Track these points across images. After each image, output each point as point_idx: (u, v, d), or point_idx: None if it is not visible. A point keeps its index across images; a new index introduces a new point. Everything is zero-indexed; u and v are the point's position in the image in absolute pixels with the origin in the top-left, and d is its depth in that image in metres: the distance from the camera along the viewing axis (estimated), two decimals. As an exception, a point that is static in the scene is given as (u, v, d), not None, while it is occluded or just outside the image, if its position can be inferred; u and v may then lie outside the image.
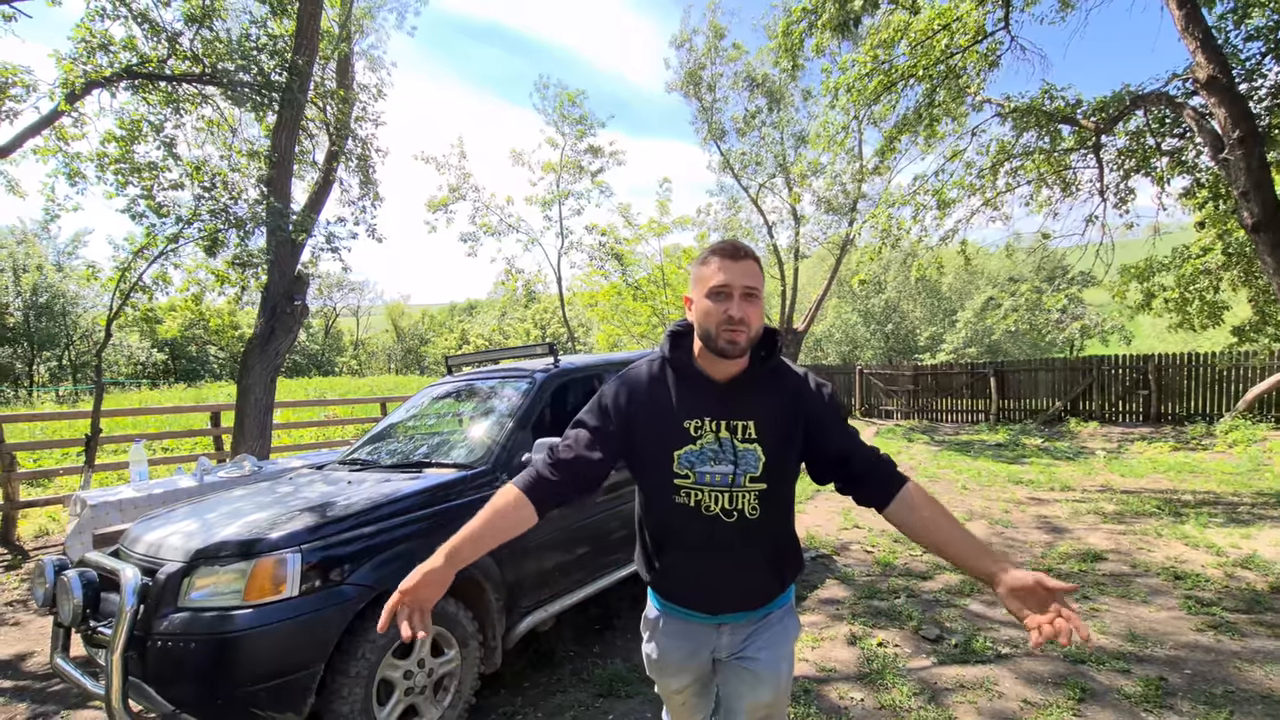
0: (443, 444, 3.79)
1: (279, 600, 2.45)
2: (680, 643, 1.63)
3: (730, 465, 1.46)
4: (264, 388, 6.62)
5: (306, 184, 8.39)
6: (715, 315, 1.42)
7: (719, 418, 1.48)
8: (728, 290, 1.42)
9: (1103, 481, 7.79)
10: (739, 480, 1.47)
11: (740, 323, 1.40)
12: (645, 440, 1.54)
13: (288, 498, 3.14)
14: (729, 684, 1.62)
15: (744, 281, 1.42)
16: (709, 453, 1.48)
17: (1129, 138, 7.01)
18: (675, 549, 1.57)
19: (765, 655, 1.56)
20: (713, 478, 1.47)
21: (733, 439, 1.47)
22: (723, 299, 1.42)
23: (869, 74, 7.77)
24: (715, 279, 1.43)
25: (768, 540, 1.54)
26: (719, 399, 1.50)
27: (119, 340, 26.71)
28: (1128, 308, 10.55)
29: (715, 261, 1.44)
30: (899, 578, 4.57)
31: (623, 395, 1.56)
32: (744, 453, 1.47)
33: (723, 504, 1.48)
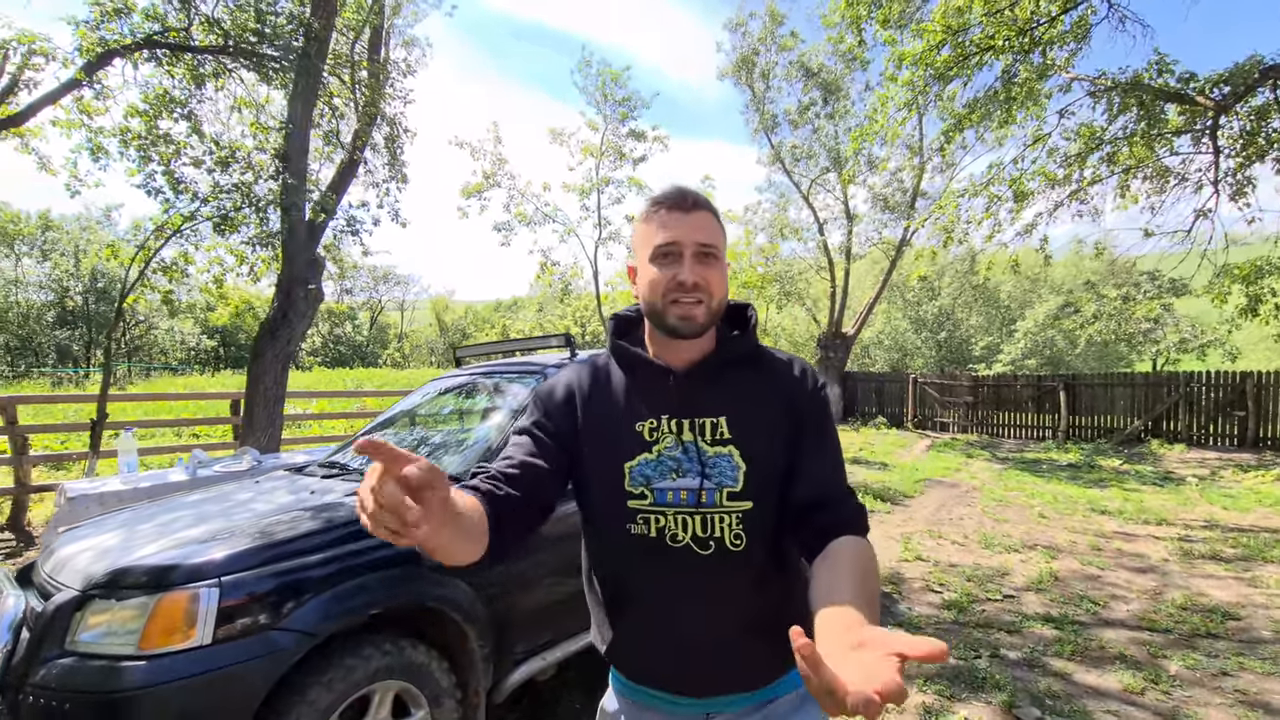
0: (433, 449, 3.22)
1: (185, 649, 1.90)
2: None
3: (697, 477, 1.09)
4: (275, 376, 6.22)
5: (336, 165, 8.02)
6: (662, 282, 1.08)
7: (678, 415, 1.12)
8: (676, 249, 1.08)
9: (1204, 515, 6.77)
10: (711, 497, 1.08)
11: (695, 289, 1.07)
12: (591, 454, 1.16)
13: (234, 509, 2.61)
14: None
15: (697, 237, 1.08)
16: (669, 462, 1.11)
17: (1253, 117, 5.99)
18: (636, 602, 1.15)
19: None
20: (676, 495, 1.09)
21: (697, 441, 1.10)
22: (671, 261, 1.08)
23: (940, 44, 6.93)
24: (659, 236, 1.09)
25: (762, 584, 1.11)
26: (678, 392, 1.13)
27: (171, 326, 27.50)
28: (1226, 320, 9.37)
29: (658, 215, 1.10)
30: (977, 629, 3.80)
31: (559, 392, 1.21)
32: (715, 459, 1.09)
33: (694, 530, 1.09)
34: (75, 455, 6.98)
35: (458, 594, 2.45)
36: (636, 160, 12.07)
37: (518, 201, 11.65)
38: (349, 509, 2.45)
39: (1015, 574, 4.80)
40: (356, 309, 42.97)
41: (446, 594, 2.41)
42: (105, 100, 7.03)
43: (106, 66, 6.61)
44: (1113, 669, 3.25)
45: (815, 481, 1.08)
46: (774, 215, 18.60)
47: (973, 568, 4.93)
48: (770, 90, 15.99)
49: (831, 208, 17.60)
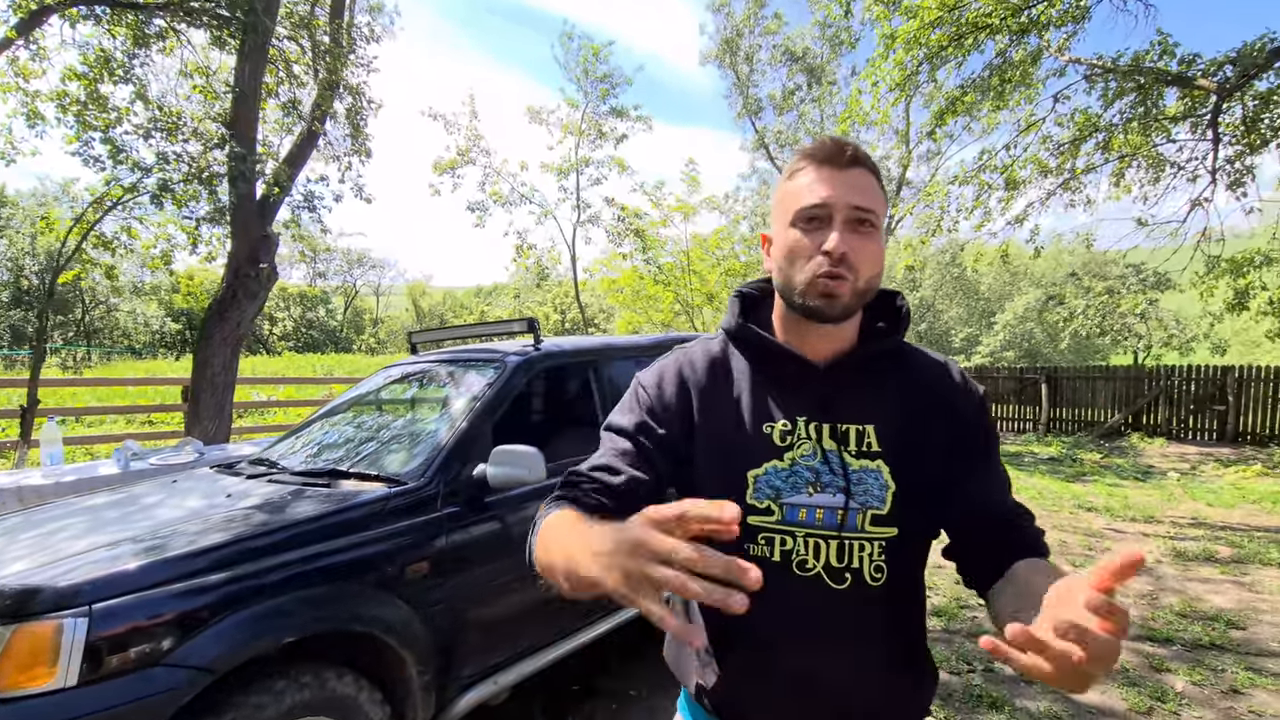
0: (376, 446, 2.87)
1: (43, 693, 1.56)
2: None
3: (840, 494, 0.90)
4: (224, 361, 5.79)
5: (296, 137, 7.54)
6: (804, 252, 0.88)
7: (819, 419, 0.93)
8: (826, 212, 0.87)
9: (1189, 512, 6.65)
10: (853, 519, 0.90)
11: (842, 262, 0.85)
12: (706, 459, 0.97)
13: (135, 516, 2.25)
14: None
15: (852, 199, 0.87)
16: (805, 473, 0.92)
17: (1257, 103, 5.78)
18: (748, 638, 0.94)
19: None
20: (811, 514, 0.91)
21: (841, 451, 0.92)
22: (818, 227, 0.88)
23: (933, 24, 6.64)
24: (806, 196, 0.88)
25: (898, 624, 0.95)
26: (818, 390, 0.94)
27: (135, 308, 26.51)
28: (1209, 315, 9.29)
29: (808, 171, 0.90)
30: (968, 639, 3.56)
31: (669, 384, 1.01)
32: (860, 474, 0.91)
33: (828, 558, 0.90)
34: (9, 444, 6.51)
35: (392, 614, 2.13)
36: (618, 139, 11.68)
37: (493, 180, 11.22)
38: (262, 519, 2.11)
39: (1005, 576, 4.58)
40: (330, 293, 41.99)
41: (379, 615, 2.10)
42: (42, 62, 6.51)
43: (42, 25, 6.09)
44: (1115, 686, 3.02)
45: (991, 503, 0.93)
46: (756, 203, 18.32)
47: (961, 569, 4.70)
48: (754, 74, 15.67)
49: (815, 196, 17.36)
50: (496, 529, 2.52)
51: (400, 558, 2.20)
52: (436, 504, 2.37)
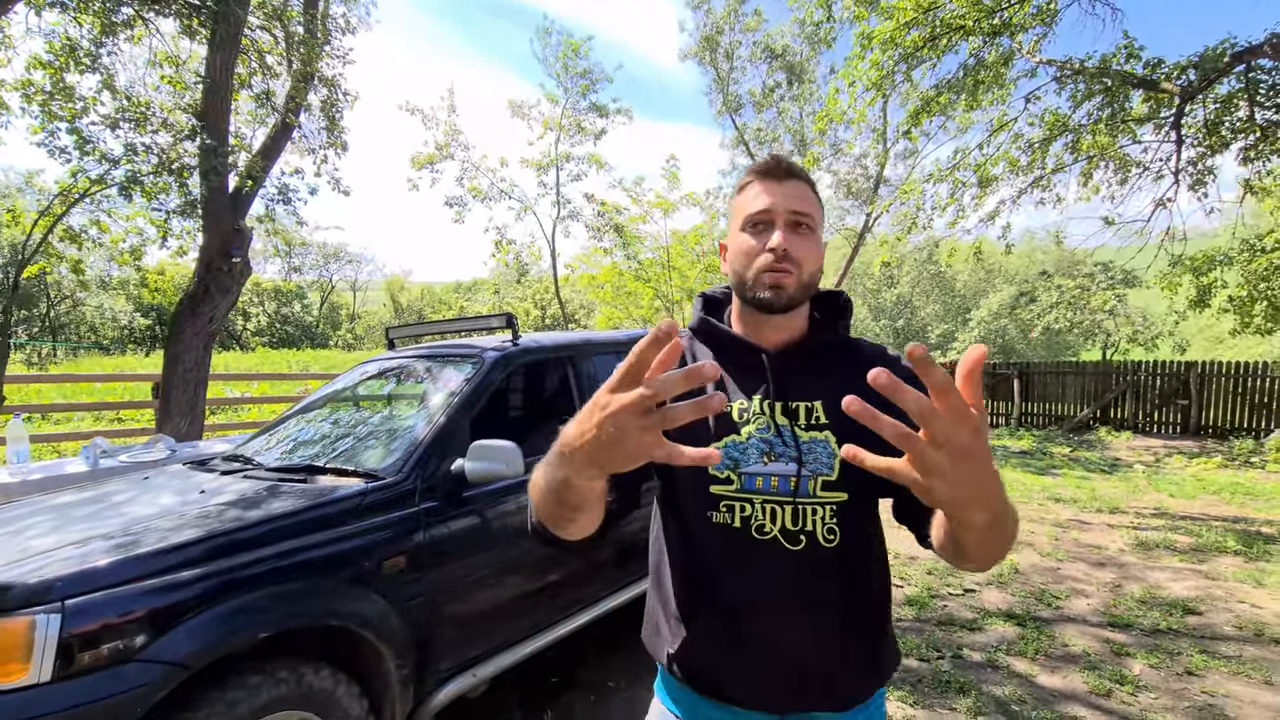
0: (353, 441, 2.87)
1: (15, 689, 1.55)
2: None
3: (792, 463, 0.99)
4: (196, 356, 5.70)
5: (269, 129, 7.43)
6: (753, 252, 1.03)
7: (772, 398, 1.03)
8: (769, 217, 1.03)
9: (1153, 503, 6.85)
10: (805, 486, 0.99)
11: (786, 258, 0.99)
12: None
13: (106, 512, 2.23)
14: None
15: (791, 205, 1.02)
16: (760, 445, 1.01)
17: (1218, 106, 5.96)
18: (714, 601, 1.02)
19: None
20: (767, 482, 1.00)
21: (792, 425, 1.01)
22: (763, 230, 1.03)
23: (909, 24, 6.73)
24: (752, 205, 1.04)
25: (855, 584, 1.01)
26: (771, 373, 1.05)
27: (102, 303, 25.83)
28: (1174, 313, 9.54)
29: (752, 183, 1.06)
30: (939, 627, 3.65)
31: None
32: (810, 444, 1.00)
33: (783, 522, 0.99)
34: (-28, 442, 6.34)
35: (368, 608, 2.13)
36: (598, 134, 11.65)
37: (472, 175, 11.12)
38: (237, 515, 2.11)
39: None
40: (306, 288, 41.30)
41: (355, 610, 2.10)
42: (6, 50, 6.33)
43: (7, 13, 5.92)
44: (1076, 670, 3.13)
45: None
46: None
47: (931, 562, 4.81)
48: (734, 71, 15.71)
49: (795, 193, 17.47)
50: (475, 523, 2.53)
51: (377, 552, 2.21)
52: (414, 499, 2.38)
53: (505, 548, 2.61)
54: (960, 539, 0.75)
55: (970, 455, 0.58)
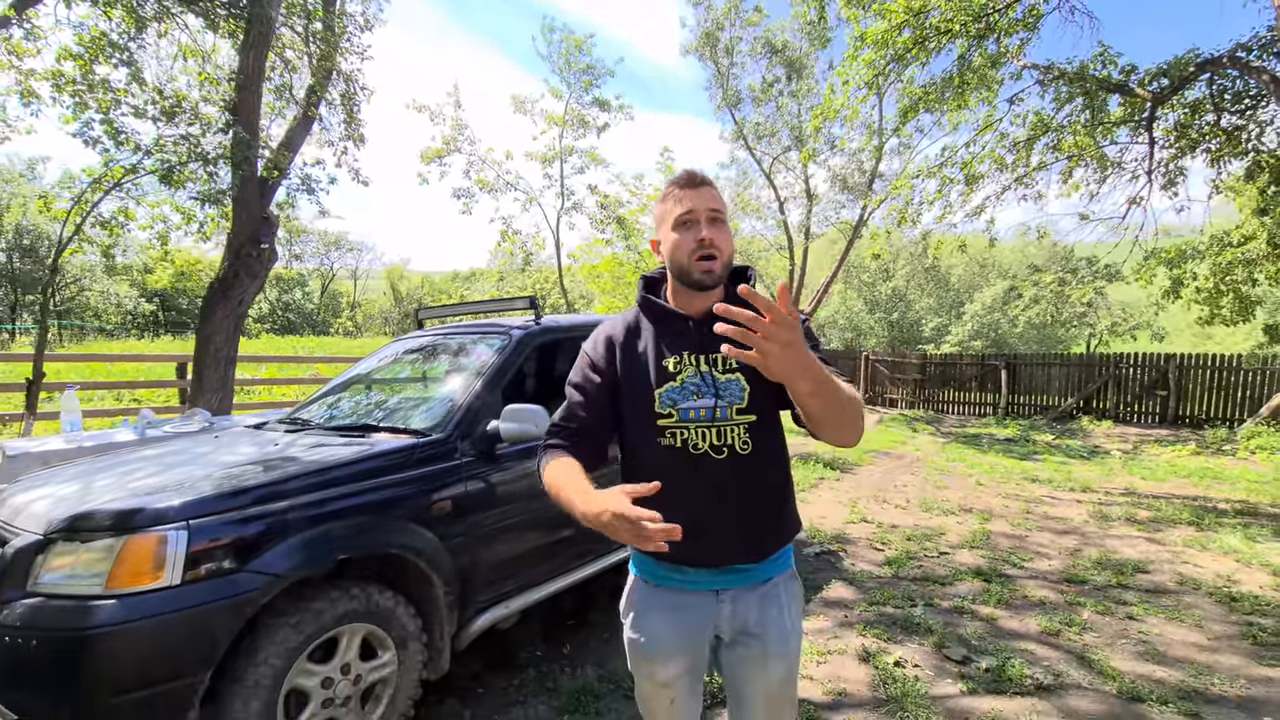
0: (399, 406, 3.25)
1: (153, 590, 1.92)
2: (674, 619, 1.46)
3: (711, 398, 1.39)
4: (225, 336, 6.06)
5: (287, 120, 7.73)
6: (685, 244, 1.39)
7: (698, 351, 1.42)
8: (693, 217, 1.39)
9: (1124, 484, 7.28)
10: (724, 413, 1.39)
11: (711, 245, 1.37)
12: (628, 387, 1.46)
13: (198, 460, 2.60)
14: (736, 668, 1.47)
15: (707, 205, 1.39)
16: (690, 387, 1.41)
17: (1186, 111, 6.34)
18: (669, 497, 1.30)
19: (773, 629, 1.44)
20: (696, 413, 1.39)
21: (713, 371, 1.41)
22: (690, 227, 1.39)
23: (900, 26, 7.08)
24: (679, 209, 1.40)
25: (765, 474, 1.43)
26: (696, 334, 1.42)
27: (106, 288, 26.05)
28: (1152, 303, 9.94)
29: (675, 192, 1.42)
30: (914, 582, 4.07)
31: (602, 345, 1.51)
32: (726, 384, 1.40)
33: (710, 440, 1.39)
34: (8, 416, 6.69)
35: (421, 542, 2.51)
36: (600, 128, 11.95)
37: (478, 168, 11.44)
38: (314, 461, 2.48)
39: (951, 534, 5.12)
40: (307, 276, 41.48)
41: (411, 542, 2.48)
42: (36, 41, 6.62)
43: (38, 4, 6.22)
44: (1033, 615, 3.55)
45: None
46: (736, 192, 18.73)
47: (912, 528, 5.23)
48: (734, 66, 15.99)
49: (792, 186, 17.84)
50: (506, 476, 2.91)
51: (426, 496, 2.59)
52: (456, 454, 2.76)
53: (531, 500, 2.99)
54: (805, 408, 1.17)
55: (787, 343, 1.01)
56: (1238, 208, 7.66)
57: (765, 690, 1.44)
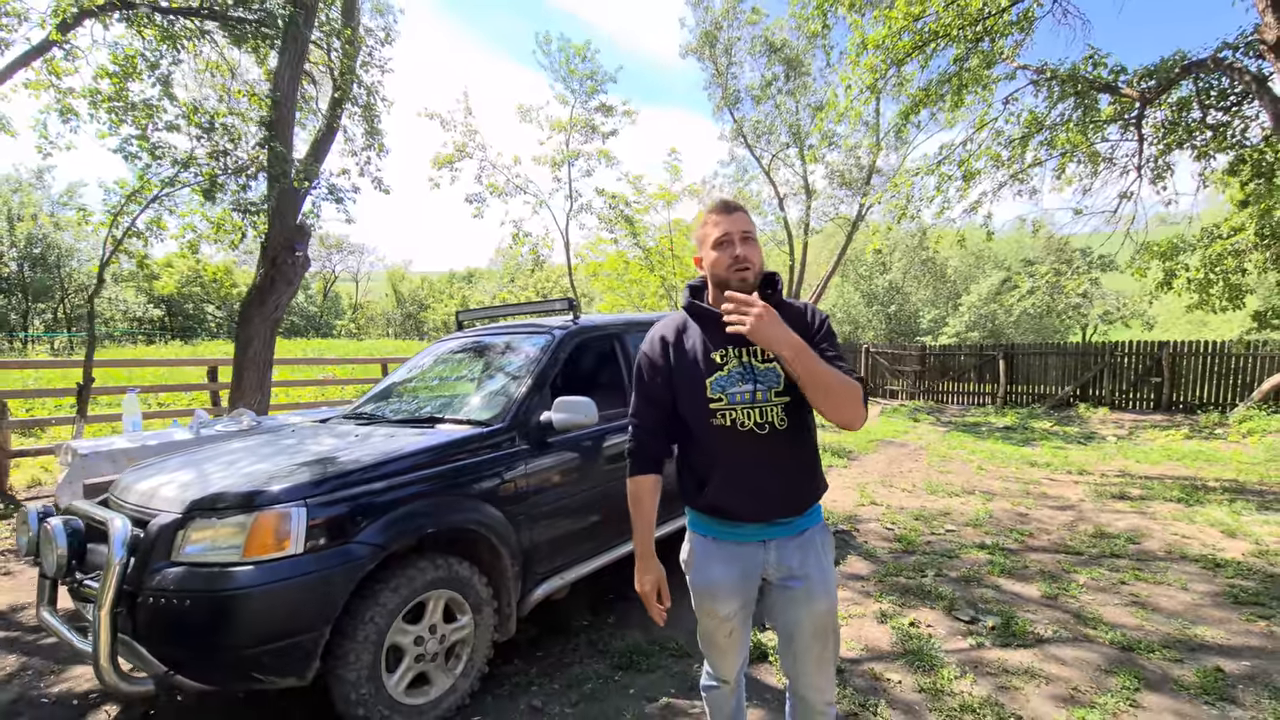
0: (455, 400, 3.57)
1: (282, 557, 2.25)
2: (730, 566, 1.78)
3: (753, 383, 1.68)
4: (263, 341, 6.37)
5: (308, 131, 8.03)
6: (724, 260, 1.70)
7: (739, 345, 1.71)
8: (729, 238, 1.70)
9: (1119, 467, 7.63)
10: (764, 396, 1.68)
11: (745, 259, 1.68)
12: (682, 377, 1.76)
13: (291, 450, 2.92)
14: (787, 609, 1.76)
15: (740, 228, 1.71)
16: (735, 375, 1.70)
17: (1173, 109, 6.67)
18: (720, 467, 1.72)
19: (814, 570, 1.74)
20: (741, 396, 1.68)
21: (753, 361, 1.70)
22: (727, 246, 1.70)
23: (900, 31, 7.39)
24: (716, 232, 1.72)
25: (800, 445, 1.73)
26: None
27: (114, 295, 26.30)
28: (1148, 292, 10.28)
29: (713, 218, 1.74)
30: (923, 555, 4.40)
31: (658, 344, 1.82)
32: (764, 372, 1.69)
33: (754, 419, 1.67)
34: (55, 420, 7.00)
35: (492, 519, 2.84)
36: (606, 134, 12.26)
37: (489, 173, 11.73)
38: (394, 448, 2.79)
39: (956, 514, 5.45)
40: (309, 278, 41.73)
41: (483, 518, 2.80)
42: (75, 60, 6.91)
43: (78, 26, 6.51)
44: (1033, 581, 3.88)
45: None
46: (735, 189, 19.03)
47: (919, 509, 5.57)
48: (733, 66, 16.27)
49: (791, 183, 18.13)
50: (558, 462, 3.23)
51: (495, 479, 2.91)
52: (515, 442, 3.08)
53: (579, 483, 3.32)
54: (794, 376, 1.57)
55: (759, 317, 1.47)
56: (1228, 199, 7.99)
57: (813, 620, 1.74)
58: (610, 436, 3.53)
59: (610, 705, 2.69)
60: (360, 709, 2.36)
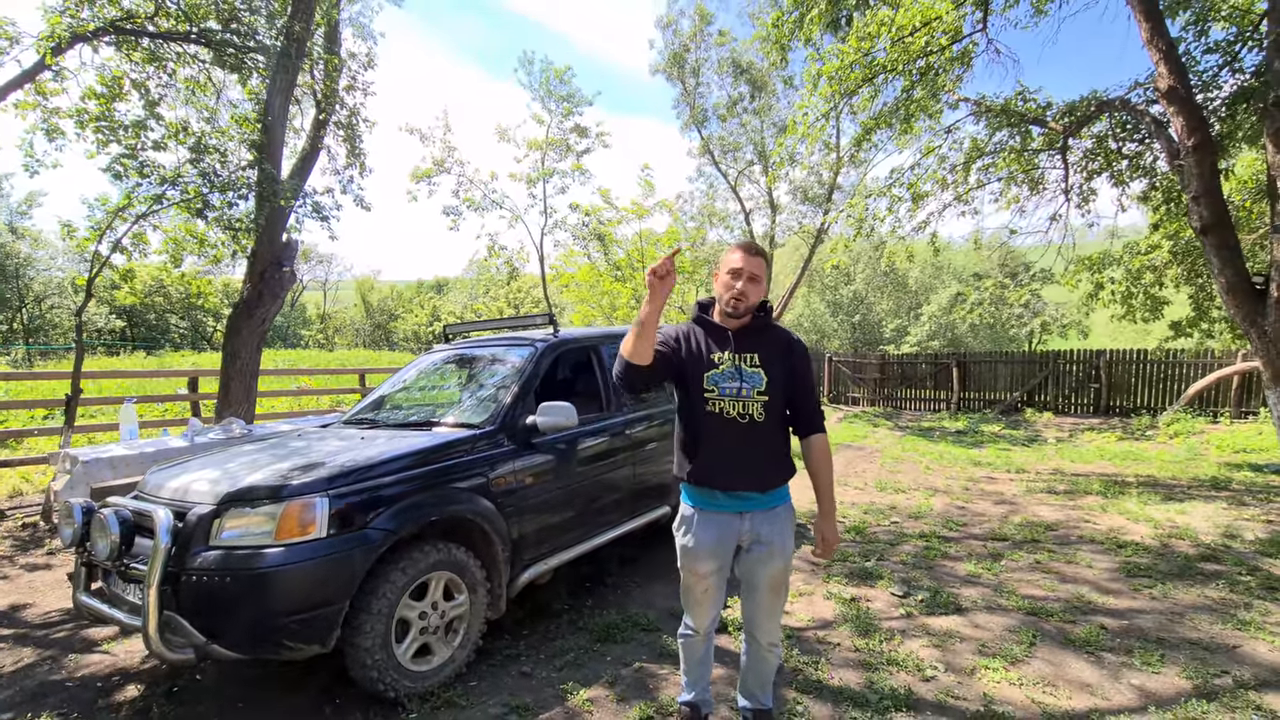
0: (449, 405, 3.94)
1: (309, 540, 2.61)
2: (711, 532, 2.21)
3: (738, 382, 2.14)
4: (250, 352, 6.63)
5: (290, 150, 8.30)
6: (729, 287, 2.15)
7: (734, 350, 2.17)
8: (741, 272, 2.14)
9: (1054, 466, 8.29)
10: (748, 393, 2.13)
11: (741, 294, 2.14)
12: (687, 368, 2.21)
13: (305, 451, 3.27)
14: (753, 566, 2.21)
15: (751, 269, 2.15)
16: (728, 374, 2.15)
17: (1093, 141, 7.39)
18: (708, 444, 2.18)
19: (776, 537, 2.19)
20: (730, 390, 2.14)
21: (742, 365, 2.15)
22: (736, 277, 2.14)
23: (851, 64, 8.00)
24: (734, 263, 2.16)
25: (773, 437, 2.17)
26: (733, 341, 2.20)
27: (74, 305, 25.67)
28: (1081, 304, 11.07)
29: (738, 252, 2.18)
30: (869, 544, 4.90)
31: (678, 333, 2.29)
32: (750, 374, 2.14)
33: (738, 410, 2.13)
34: (37, 431, 7.12)
35: (487, 511, 3.22)
36: (580, 153, 12.71)
37: (467, 188, 12.08)
38: (399, 448, 3.16)
39: (901, 508, 5.98)
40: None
41: (478, 509, 3.19)
42: (63, 81, 7.10)
43: (70, 50, 6.72)
44: (962, 562, 4.40)
45: (800, 398, 2.24)
46: (703, 204, 19.65)
47: (869, 504, 6.08)
48: (700, 85, 16.89)
49: (756, 198, 18.80)
50: (542, 461, 3.62)
51: (487, 474, 3.30)
52: (504, 442, 3.47)
53: (561, 479, 3.72)
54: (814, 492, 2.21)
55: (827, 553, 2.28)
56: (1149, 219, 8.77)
57: (770, 576, 2.20)
58: (587, 439, 3.94)
59: (590, 670, 3.09)
60: (374, 672, 2.73)
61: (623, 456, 4.19)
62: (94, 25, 6.39)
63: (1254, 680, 2.82)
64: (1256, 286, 5.49)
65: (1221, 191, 5.66)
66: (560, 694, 2.86)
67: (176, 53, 7.10)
